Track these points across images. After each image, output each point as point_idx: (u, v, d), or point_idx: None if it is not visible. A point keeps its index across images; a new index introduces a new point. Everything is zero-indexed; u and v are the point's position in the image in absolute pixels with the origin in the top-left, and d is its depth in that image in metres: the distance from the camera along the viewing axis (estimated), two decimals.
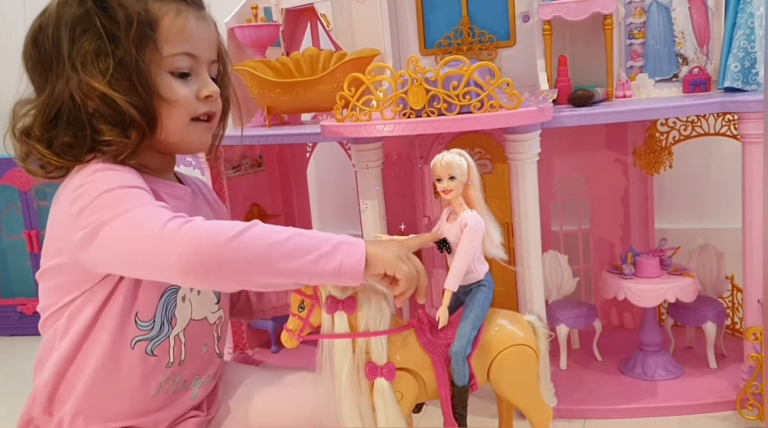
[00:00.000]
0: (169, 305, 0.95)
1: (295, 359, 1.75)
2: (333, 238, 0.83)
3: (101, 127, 0.88)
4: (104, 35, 0.86)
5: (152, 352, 0.95)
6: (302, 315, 0.97)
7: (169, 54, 0.90)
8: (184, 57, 0.92)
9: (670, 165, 1.56)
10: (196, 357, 1.01)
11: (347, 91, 1.18)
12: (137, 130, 0.89)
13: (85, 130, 0.89)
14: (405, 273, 0.85)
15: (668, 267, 1.47)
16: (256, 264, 0.79)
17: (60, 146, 0.90)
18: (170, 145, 0.95)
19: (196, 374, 1.02)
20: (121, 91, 0.87)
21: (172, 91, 0.91)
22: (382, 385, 0.99)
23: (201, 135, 0.97)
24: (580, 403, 1.42)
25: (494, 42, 1.58)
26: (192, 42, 0.92)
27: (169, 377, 0.98)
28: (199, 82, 0.94)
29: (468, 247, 0.99)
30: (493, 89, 1.10)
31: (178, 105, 0.92)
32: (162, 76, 0.90)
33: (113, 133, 0.88)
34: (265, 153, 1.89)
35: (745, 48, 1.33)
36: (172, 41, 0.90)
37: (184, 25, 0.91)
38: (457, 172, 0.98)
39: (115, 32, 0.87)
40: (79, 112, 0.88)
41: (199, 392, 1.04)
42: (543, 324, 1.07)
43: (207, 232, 0.79)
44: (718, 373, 1.49)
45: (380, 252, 0.84)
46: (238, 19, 1.73)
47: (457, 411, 1.03)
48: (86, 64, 0.86)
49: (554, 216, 1.72)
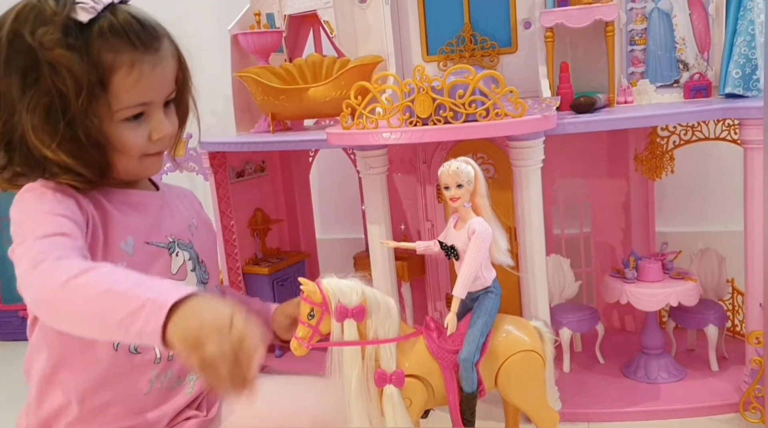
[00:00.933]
0: None
1: (299, 364, 1.75)
2: (142, 296, 0.70)
3: (54, 170, 0.87)
4: (53, 93, 0.84)
5: (135, 350, 0.94)
6: (312, 323, 0.98)
7: (121, 107, 0.88)
8: (136, 107, 0.89)
9: (671, 170, 1.57)
10: None
11: (354, 99, 1.19)
12: (91, 175, 0.89)
13: (39, 168, 0.88)
14: (202, 359, 0.64)
15: (670, 271, 1.48)
16: (75, 315, 0.74)
17: (12, 174, 0.89)
18: (124, 176, 0.95)
19: (189, 369, 1.00)
20: (70, 152, 0.86)
21: (123, 141, 0.89)
22: (392, 392, 1.00)
23: (153, 166, 0.97)
24: (584, 406, 1.43)
25: (496, 48, 1.59)
26: (146, 91, 0.89)
27: (159, 373, 0.97)
28: (152, 123, 0.92)
29: (476, 254, 1.01)
30: (498, 98, 1.11)
31: (129, 152, 0.91)
32: (113, 126, 0.88)
33: (68, 177, 0.88)
34: (268, 158, 1.89)
35: (746, 54, 1.34)
36: (126, 95, 0.87)
37: (139, 77, 0.87)
38: (465, 180, 1.00)
39: (66, 93, 0.84)
40: (32, 153, 0.87)
41: (195, 387, 1.03)
42: (549, 330, 1.09)
43: (54, 272, 0.75)
44: (720, 376, 1.50)
45: (186, 325, 0.66)
46: (241, 25, 1.74)
47: (466, 417, 1.04)
48: (35, 121, 0.84)
49: (556, 220, 1.73)
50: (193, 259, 1.02)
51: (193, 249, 1.03)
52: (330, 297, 0.97)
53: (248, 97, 1.72)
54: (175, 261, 0.99)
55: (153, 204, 1.00)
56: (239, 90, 1.74)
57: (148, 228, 0.96)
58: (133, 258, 0.93)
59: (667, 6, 1.43)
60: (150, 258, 0.95)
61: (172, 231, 1.00)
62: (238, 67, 1.73)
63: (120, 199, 0.95)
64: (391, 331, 1.00)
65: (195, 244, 1.03)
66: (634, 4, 1.45)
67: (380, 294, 1.00)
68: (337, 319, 0.97)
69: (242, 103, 1.77)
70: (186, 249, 1.01)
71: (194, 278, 1.02)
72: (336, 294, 0.97)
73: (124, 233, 0.92)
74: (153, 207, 0.99)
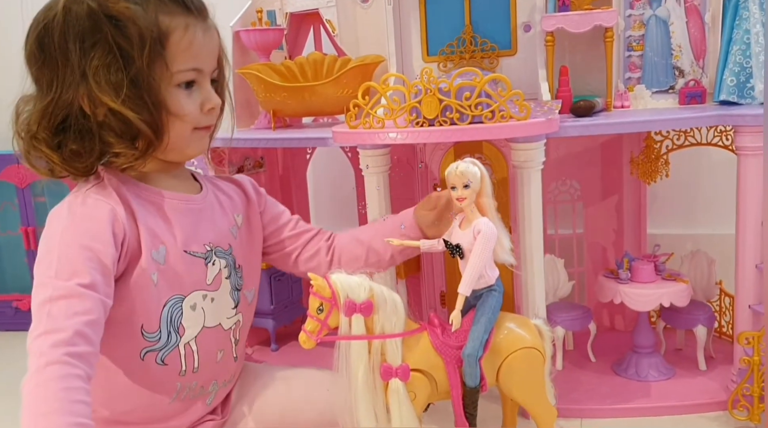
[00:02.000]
0: (174, 315, 0.95)
1: (294, 357, 1.78)
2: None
3: (110, 139, 0.90)
4: (116, 51, 0.86)
5: (162, 361, 0.96)
6: (320, 317, 1.00)
7: (177, 70, 0.91)
8: (191, 72, 0.92)
9: (666, 174, 1.61)
10: (210, 363, 1.02)
11: (361, 99, 1.21)
12: (144, 142, 0.91)
13: (94, 140, 0.90)
14: None
15: (662, 272, 1.52)
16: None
17: (68, 153, 0.91)
18: (172, 152, 0.96)
19: (212, 379, 1.03)
20: (132, 108, 0.87)
21: (180, 106, 0.92)
22: (397, 386, 1.02)
23: (200, 142, 0.99)
24: (578, 403, 1.46)
25: (496, 51, 1.62)
26: (199, 57, 0.93)
27: (183, 385, 0.99)
28: (203, 94, 0.95)
29: (481, 254, 1.03)
30: (504, 101, 1.14)
31: (185, 119, 0.93)
32: (170, 90, 0.91)
33: (122, 145, 0.90)
34: (267, 154, 1.91)
35: (741, 63, 1.38)
36: (181, 57, 0.91)
37: (192, 40, 0.91)
38: (472, 181, 1.02)
39: (128, 50, 0.86)
40: (88, 121, 0.89)
41: (215, 397, 1.05)
42: (549, 328, 1.12)
43: (31, 362, 0.76)
44: (708, 375, 1.54)
45: None
46: (242, 22, 1.75)
47: (468, 411, 1.07)
48: (99, 79, 0.86)
49: (550, 221, 1.77)
50: (230, 266, 1.03)
51: (232, 255, 1.03)
52: (339, 292, 0.99)
53: (248, 93, 1.73)
54: (211, 270, 1.00)
55: (192, 209, 1.00)
56: (239, 86, 1.75)
57: (185, 237, 0.97)
58: (165, 267, 0.94)
59: (664, 13, 1.47)
60: (184, 268, 0.96)
61: (211, 239, 1.00)
62: (239, 64, 1.74)
63: (158, 202, 0.96)
64: (397, 326, 1.03)
65: (234, 249, 1.04)
66: (633, 11, 1.48)
67: (387, 290, 1.03)
68: (345, 314, 0.99)
69: (242, 99, 1.78)
70: (224, 257, 1.02)
71: (228, 286, 1.03)
72: (345, 289, 0.99)
73: (156, 242, 0.93)
74: (192, 212, 1.00)
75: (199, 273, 0.98)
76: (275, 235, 1.16)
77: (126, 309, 0.91)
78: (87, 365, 0.77)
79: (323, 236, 1.18)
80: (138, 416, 0.99)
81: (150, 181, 0.98)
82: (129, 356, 0.94)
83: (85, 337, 0.78)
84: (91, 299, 0.81)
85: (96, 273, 0.83)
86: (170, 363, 0.96)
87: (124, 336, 0.93)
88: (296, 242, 1.16)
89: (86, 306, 0.80)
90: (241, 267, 1.06)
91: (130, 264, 0.91)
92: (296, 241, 1.16)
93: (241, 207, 1.10)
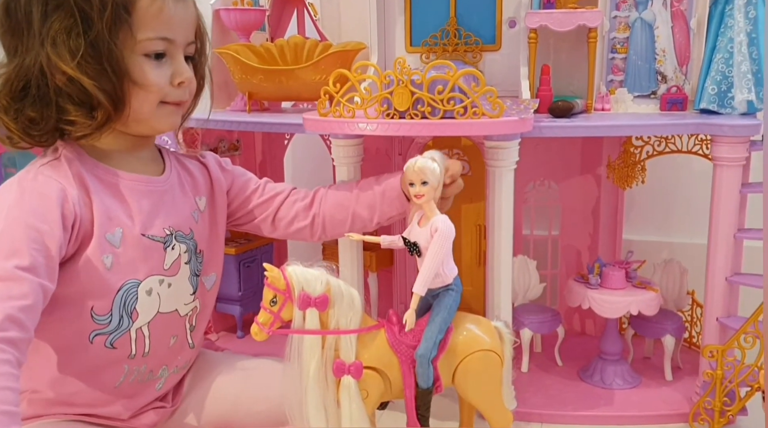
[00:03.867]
0: (128, 299, 0.93)
1: (260, 346, 1.75)
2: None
3: (67, 106, 0.87)
4: (77, 14, 0.84)
5: (112, 345, 0.94)
6: (274, 309, 0.98)
7: (143, 38, 0.88)
8: (159, 41, 0.90)
9: (642, 180, 1.59)
10: (162, 348, 1.00)
11: (332, 86, 1.18)
12: (103, 112, 0.88)
13: (50, 107, 0.88)
14: None
15: (633, 279, 1.50)
16: None
17: (25, 121, 0.89)
18: (136, 126, 0.94)
19: (162, 364, 1.01)
20: (89, 74, 0.85)
21: (144, 75, 0.89)
22: (349, 383, 1.00)
23: (169, 117, 0.96)
24: (539, 407, 1.45)
25: (480, 45, 1.59)
26: (169, 26, 0.90)
27: (132, 368, 0.97)
28: (174, 66, 0.93)
29: (437, 252, 1.00)
30: (477, 97, 1.11)
31: (150, 89, 0.91)
32: (135, 58, 0.89)
33: (78, 114, 0.88)
34: (243, 137, 1.88)
35: (723, 72, 1.36)
36: (148, 25, 0.88)
37: (162, 7, 0.89)
38: (430, 177, 1.00)
39: (89, 12, 0.84)
40: (47, 87, 0.87)
41: (165, 382, 1.03)
42: (509, 331, 1.09)
43: None
44: (673, 385, 1.53)
45: None
46: (224, 1, 1.71)
47: (421, 412, 1.05)
48: (56, 42, 0.84)
49: (526, 221, 1.75)
50: (190, 251, 1.00)
51: (193, 239, 1.01)
52: (294, 285, 0.97)
53: (226, 74, 1.70)
54: (170, 255, 0.97)
55: (153, 191, 0.97)
56: (217, 66, 1.71)
57: (144, 220, 0.94)
58: (120, 250, 0.91)
59: (650, 17, 1.44)
60: (141, 253, 0.93)
61: (171, 223, 0.98)
62: (218, 43, 1.70)
63: (116, 183, 0.93)
64: (353, 322, 1.00)
65: (196, 233, 1.02)
66: (619, 12, 1.46)
67: (345, 285, 1.00)
68: (299, 307, 0.97)
69: (219, 80, 1.74)
70: (184, 242, 0.99)
71: (188, 271, 1.01)
72: (300, 282, 0.97)
73: (112, 224, 0.90)
74: (153, 194, 0.97)
75: (157, 257, 0.96)
76: (243, 207, 1.14)
77: (74, 291, 0.89)
78: (17, 350, 0.74)
79: (297, 197, 1.16)
80: (83, 398, 0.97)
81: (111, 160, 0.95)
82: (76, 338, 0.92)
83: (17, 323, 0.75)
84: (28, 283, 0.78)
85: (38, 254, 0.80)
86: (119, 347, 0.94)
87: (72, 317, 0.91)
88: (267, 209, 1.15)
89: (23, 291, 0.77)
90: (202, 252, 1.04)
91: (82, 245, 0.88)
92: (267, 208, 1.15)
93: (205, 189, 1.08)
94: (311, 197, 1.16)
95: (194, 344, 1.06)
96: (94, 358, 0.94)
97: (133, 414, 1.01)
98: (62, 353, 0.93)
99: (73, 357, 0.93)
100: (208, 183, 1.09)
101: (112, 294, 0.91)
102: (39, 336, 0.89)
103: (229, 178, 1.12)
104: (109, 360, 0.95)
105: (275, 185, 1.17)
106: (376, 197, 1.14)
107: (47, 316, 0.86)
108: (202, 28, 1.00)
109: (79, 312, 0.90)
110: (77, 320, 0.91)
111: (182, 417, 1.08)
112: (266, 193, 1.15)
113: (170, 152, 1.06)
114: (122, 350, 0.95)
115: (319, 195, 1.17)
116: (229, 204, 1.12)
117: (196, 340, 1.06)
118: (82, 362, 0.94)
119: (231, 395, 1.08)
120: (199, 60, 1.00)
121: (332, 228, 1.15)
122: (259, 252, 1.84)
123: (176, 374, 1.05)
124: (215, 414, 1.08)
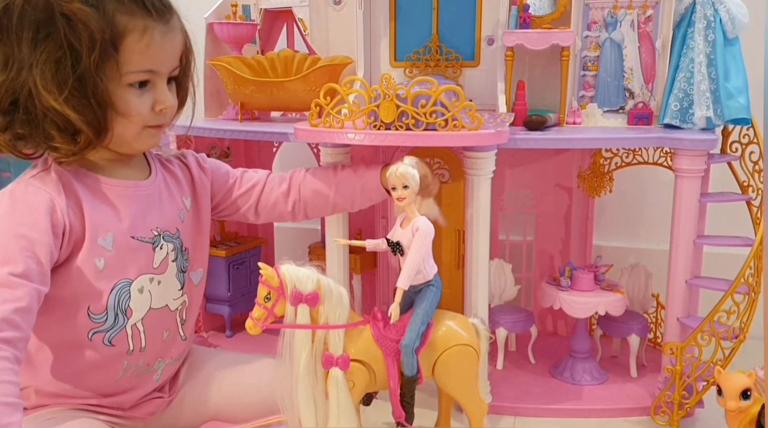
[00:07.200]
0: (122, 297, 0.97)
1: (248, 344, 1.82)
2: None
3: (52, 131, 0.90)
4: (66, 48, 0.86)
5: (110, 342, 0.98)
6: (267, 305, 1.05)
7: (129, 71, 0.90)
8: (144, 73, 0.92)
9: (610, 190, 1.69)
10: (157, 342, 1.05)
11: (323, 99, 1.26)
12: (85, 138, 0.91)
13: (38, 129, 0.90)
14: None
15: (601, 282, 1.59)
16: None
17: (13, 136, 0.91)
18: (118, 147, 0.97)
19: (158, 357, 1.06)
20: (75, 108, 0.88)
21: (127, 105, 0.92)
22: (337, 374, 1.08)
23: (150, 138, 0.99)
24: (513, 401, 1.53)
25: (460, 61, 1.68)
26: (155, 59, 0.92)
27: (130, 363, 1.02)
28: (156, 95, 0.95)
29: (418, 250, 1.10)
30: (457, 110, 1.20)
31: (132, 119, 0.93)
32: (119, 90, 0.91)
33: (62, 140, 0.90)
34: (234, 145, 1.95)
35: (685, 89, 1.46)
36: (135, 59, 0.90)
37: (149, 43, 0.90)
38: (411, 182, 1.09)
39: (77, 47, 0.86)
40: (35, 108, 0.88)
41: (162, 374, 1.08)
42: (485, 327, 1.18)
43: None
44: (638, 382, 1.63)
45: None
46: (217, 15, 1.79)
47: (405, 400, 1.13)
48: (45, 73, 0.86)
49: (502, 227, 1.84)
50: (177, 249, 1.05)
51: (179, 238, 1.05)
52: (287, 283, 1.05)
53: (218, 84, 1.77)
54: (158, 254, 1.02)
55: (140, 195, 1.01)
56: (210, 76, 1.79)
57: (132, 223, 0.98)
58: (112, 253, 0.96)
59: (619, 37, 1.55)
60: (131, 254, 0.98)
61: (158, 224, 1.02)
62: (211, 55, 1.78)
63: (104, 191, 0.97)
64: (341, 318, 1.08)
65: (182, 232, 1.06)
66: (590, 32, 1.56)
67: (334, 284, 1.08)
68: (291, 303, 1.05)
69: (212, 90, 1.82)
70: (171, 241, 1.04)
71: (174, 268, 1.05)
72: (293, 280, 1.05)
73: (103, 229, 0.95)
74: (140, 198, 1.01)
75: (147, 257, 1.00)
76: (226, 199, 1.19)
77: (70, 293, 0.94)
78: (14, 349, 0.78)
79: (273, 184, 1.21)
80: (83, 391, 1.02)
81: (99, 169, 0.99)
82: (76, 337, 0.97)
83: (12, 324, 0.79)
84: (22, 287, 0.82)
85: (30, 261, 0.84)
86: (117, 344, 0.99)
87: (70, 317, 0.95)
88: (249, 199, 1.20)
89: (16, 295, 0.81)
90: (187, 249, 1.08)
91: (75, 250, 0.93)
92: (249, 199, 1.20)
93: (188, 189, 1.12)
94: (288, 183, 1.22)
95: (186, 336, 1.11)
96: (94, 355, 0.98)
97: (134, 404, 1.07)
98: (64, 351, 0.98)
99: (74, 355, 0.98)
100: (191, 182, 1.13)
101: (106, 294, 0.95)
102: (40, 336, 0.97)
103: (209, 174, 1.16)
104: (109, 356, 1.00)
105: (252, 174, 1.22)
106: (356, 190, 1.21)
107: (46, 317, 0.91)
108: (189, 46, 1.01)
109: (76, 312, 0.95)
110: (75, 319, 0.95)
111: (179, 407, 1.13)
112: (245, 183, 1.20)
113: (154, 155, 1.10)
114: (120, 347, 1.00)
115: (296, 181, 1.22)
116: (212, 198, 1.17)
117: (187, 332, 1.11)
118: (83, 360, 0.98)
119: (224, 386, 1.14)
120: (183, 78, 1.03)
121: (313, 213, 1.23)
122: (248, 255, 1.91)
123: (172, 365, 1.11)
124: (210, 404, 1.13)
